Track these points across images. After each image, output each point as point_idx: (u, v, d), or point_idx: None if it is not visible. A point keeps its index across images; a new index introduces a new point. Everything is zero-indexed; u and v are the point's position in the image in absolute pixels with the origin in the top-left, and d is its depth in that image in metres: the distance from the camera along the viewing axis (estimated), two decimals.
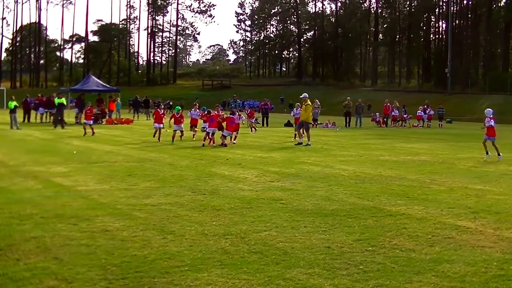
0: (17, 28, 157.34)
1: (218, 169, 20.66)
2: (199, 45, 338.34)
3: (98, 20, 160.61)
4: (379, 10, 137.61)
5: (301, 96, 32.16)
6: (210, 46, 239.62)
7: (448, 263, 9.17)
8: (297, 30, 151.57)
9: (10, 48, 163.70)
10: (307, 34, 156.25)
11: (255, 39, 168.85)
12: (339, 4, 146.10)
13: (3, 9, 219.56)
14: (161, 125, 33.18)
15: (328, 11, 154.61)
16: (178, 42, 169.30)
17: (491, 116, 25.94)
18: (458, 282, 8.24)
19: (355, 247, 10.05)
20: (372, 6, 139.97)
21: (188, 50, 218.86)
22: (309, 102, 31.85)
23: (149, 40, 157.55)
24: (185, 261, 9.01)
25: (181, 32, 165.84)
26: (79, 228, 11.06)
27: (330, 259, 9.30)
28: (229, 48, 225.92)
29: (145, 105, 66.73)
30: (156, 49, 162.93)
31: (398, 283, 8.15)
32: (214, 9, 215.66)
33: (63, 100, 46.46)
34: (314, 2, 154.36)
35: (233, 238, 10.52)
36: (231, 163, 22.56)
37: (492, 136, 25.33)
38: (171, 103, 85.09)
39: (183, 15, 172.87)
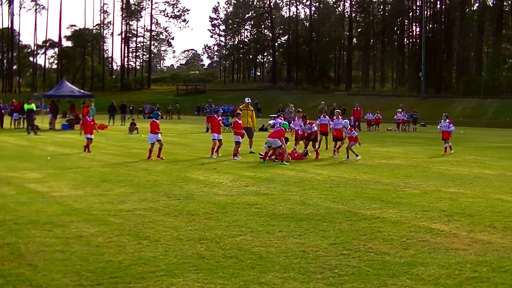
0: None
1: (193, 174, 20.65)
2: (173, 50, 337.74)
3: (72, 25, 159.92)
4: (353, 15, 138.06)
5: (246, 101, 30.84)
6: (184, 51, 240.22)
7: (422, 266, 9.23)
8: (271, 35, 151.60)
9: None
10: (281, 38, 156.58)
11: (229, 43, 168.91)
12: (313, 8, 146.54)
13: None
14: (221, 136, 28.00)
15: (302, 16, 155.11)
16: (152, 47, 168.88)
17: (349, 127, 27.81)
18: (432, 285, 8.30)
19: (330, 251, 10.08)
20: (346, 10, 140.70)
21: (162, 55, 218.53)
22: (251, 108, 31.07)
23: (123, 45, 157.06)
24: (160, 266, 9.01)
25: (155, 37, 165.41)
26: (53, 234, 11.01)
27: (305, 263, 9.33)
28: (204, 53, 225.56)
29: (121, 111, 66.68)
30: (130, 54, 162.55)
31: (373, 286, 8.19)
32: (188, 14, 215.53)
33: (33, 106, 46.21)
34: (288, 6, 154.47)
35: (208, 243, 10.52)
36: (206, 168, 22.57)
37: (354, 141, 26.96)
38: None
39: (157, 20, 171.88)
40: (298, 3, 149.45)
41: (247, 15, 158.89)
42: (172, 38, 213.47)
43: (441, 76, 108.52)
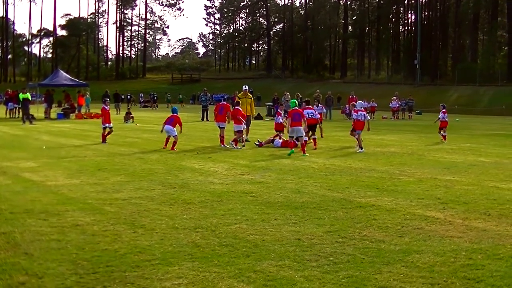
0: None
1: (188, 162, 20.64)
2: (168, 39, 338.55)
3: (66, 14, 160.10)
4: (348, 2, 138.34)
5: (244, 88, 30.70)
6: (179, 39, 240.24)
7: (417, 253, 9.24)
8: (266, 23, 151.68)
9: None
10: (277, 27, 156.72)
11: (225, 32, 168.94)
12: None
13: None
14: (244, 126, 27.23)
15: (297, 4, 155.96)
16: (147, 35, 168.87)
17: (362, 107, 26.62)
18: (427, 272, 8.31)
19: (325, 239, 10.09)
20: None
21: (157, 43, 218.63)
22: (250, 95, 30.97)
23: (118, 34, 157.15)
24: (156, 255, 9.02)
25: (150, 25, 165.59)
26: (49, 223, 11.01)
27: (300, 251, 9.34)
28: (199, 41, 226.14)
29: (115, 99, 66.44)
30: (125, 43, 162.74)
31: (368, 274, 8.21)
32: (183, 2, 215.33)
33: (28, 95, 46.06)
34: None
35: (204, 231, 10.53)
36: (201, 156, 22.55)
37: (360, 129, 25.50)
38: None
39: (152, 8, 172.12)
40: None
41: (242, 3, 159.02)
42: (167, 27, 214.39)
43: (437, 63, 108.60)
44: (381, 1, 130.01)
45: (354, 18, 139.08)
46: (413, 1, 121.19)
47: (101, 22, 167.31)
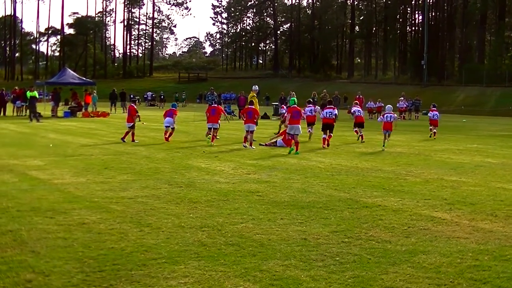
0: None
1: (195, 161, 20.64)
2: (176, 38, 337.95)
3: (74, 13, 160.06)
4: (356, 2, 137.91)
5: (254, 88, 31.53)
6: (187, 38, 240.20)
7: (423, 254, 9.24)
8: (273, 23, 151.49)
9: None
10: (284, 26, 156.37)
11: (232, 31, 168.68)
12: None
13: None
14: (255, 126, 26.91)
15: (304, 3, 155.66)
16: (155, 34, 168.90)
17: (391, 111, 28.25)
18: (433, 273, 8.30)
19: (331, 239, 10.09)
20: None
21: (165, 42, 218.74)
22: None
23: (125, 32, 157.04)
24: (162, 254, 9.02)
25: (157, 24, 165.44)
26: (55, 221, 11.02)
27: (306, 250, 9.34)
28: (206, 40, 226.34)
29: (121, 98, 66.37)
30: (132, 42, 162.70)
31: (374, 274, 8.20)
32: (190, 1, 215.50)
33: (35, 93, 46.11)
34: None
35: (210, 230, 10.53)
36: (207, 155, 22.54)
37: (390, 129, 27.33)
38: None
39: (159, 7, 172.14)
40: None
41: (249, 3, 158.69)
42: (175, 26, 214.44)
43: (443, 64, 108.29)
44: (389, 2, 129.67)
45: (361, 18, 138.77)
46: (420, 2, 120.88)
47: (108, 21, 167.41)
